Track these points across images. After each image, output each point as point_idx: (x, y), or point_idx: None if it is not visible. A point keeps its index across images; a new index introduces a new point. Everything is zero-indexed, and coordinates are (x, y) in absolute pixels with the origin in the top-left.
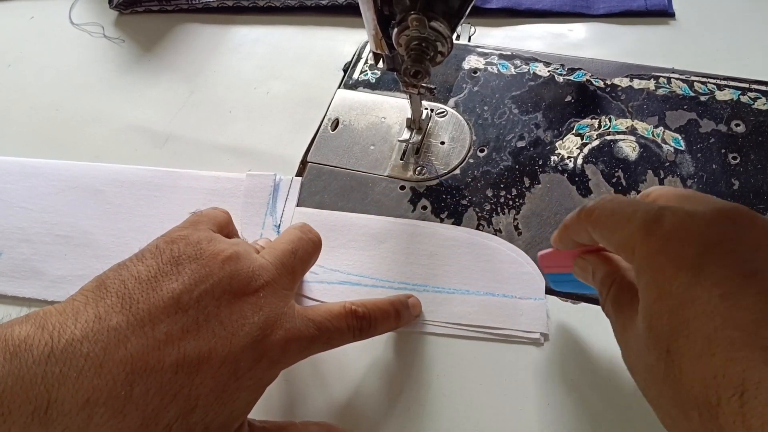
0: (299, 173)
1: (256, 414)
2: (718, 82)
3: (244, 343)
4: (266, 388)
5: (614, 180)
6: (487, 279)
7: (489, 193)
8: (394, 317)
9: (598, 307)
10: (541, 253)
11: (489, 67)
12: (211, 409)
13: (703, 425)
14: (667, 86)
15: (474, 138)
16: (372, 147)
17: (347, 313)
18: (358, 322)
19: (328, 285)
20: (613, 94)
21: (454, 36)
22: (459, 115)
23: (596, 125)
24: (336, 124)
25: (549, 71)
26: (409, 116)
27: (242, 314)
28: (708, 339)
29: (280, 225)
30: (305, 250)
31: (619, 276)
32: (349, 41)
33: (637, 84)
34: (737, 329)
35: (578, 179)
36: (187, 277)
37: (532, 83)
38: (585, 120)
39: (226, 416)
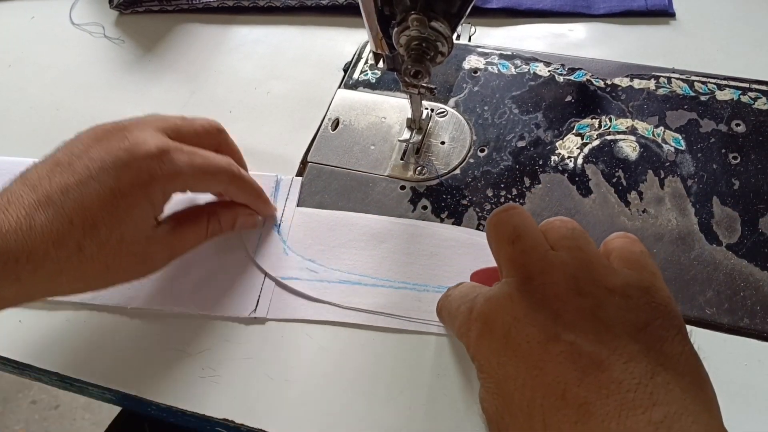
0: (299, 173)
1: (258, 412)
2: (719, 81)
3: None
4: (157, 204)
5: (614, 180)
6: None
7: (489, 193)
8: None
9: None
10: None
11: (489, 67)
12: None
13: None
14: (668, 86)
15: (474, 138)
16: (372, 147)
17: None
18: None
19: (329, 284)
20: (614, 94)
21: (455, 36)
22: (459, 115)
23: (596, 125)
24: (336, 124)
25: (549, 71)
26: (410, 116)
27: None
28: (525, 412)
29: (280, 225)
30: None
31: None
32: (349, 41)
33: (637, 84)
34: (546, 396)
35: (578, 179)
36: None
37: (533, 83)
38: (585, 120)
39: (134, 224)
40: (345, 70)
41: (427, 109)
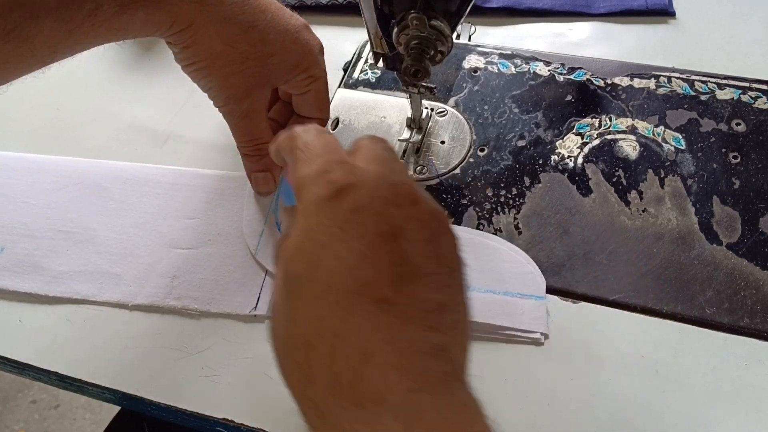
0: None
1: (258, 412)
2: (719, 81)
3: None
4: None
5: (614, 179)
6: (488, 278)
7: (489, 192)
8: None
9: (599, 307)
10: None
11: (489, 67)
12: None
13: (304, 361)
14: (668, 85)
15: (474, 137)
16: None
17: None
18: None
19: None
20: (614, 94)
21: (454, 35)
22: (459, 115)
23: (596, 124)
24: (336, 123)
25: (549, 70)
26: (410, 115)
27: None
28: (325, 286)
29: (281, 222)
30: None
31: None
32: (349, 40)
33: (637, 83)
34: (357, 280)
35: (578, 179)
36: None
37: (533, 82)
38: (585, 119)
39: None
40: (345, 70)
41: (427, 108)
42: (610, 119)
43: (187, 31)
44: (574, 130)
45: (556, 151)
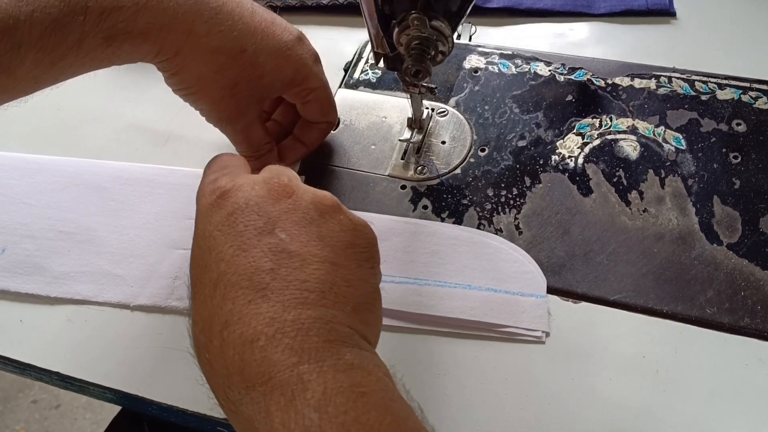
0: (300, 173)
1: None
2: (720, 81)
3: None
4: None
5: (615, 179)
6: (489, 277)
7: (490, 192)
8: None
9: (599, 307)
10: None
11: (490, 67)
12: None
13: (206, 359)
14: (668, 85)
15: (475, 137)
16: (373, 146)
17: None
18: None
19: None
20: (614, 94)
21: (455, 35)
22: (460, 115)
23: (597, 125)
24: (337, 123)
25: (550, 71)
26: (410, 116)
27: None
28: (214, 282)
29: None
30: None
31: None
32: (349, 41)
33: (638, 83)
34: (237, 274)
35: (579, 179)
36: None
37: (533, 83)
38: (586, 119)
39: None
40: (345, 70)
41: (427, 108)
42: (611, 119)
43: (174, 60)
44: (574, 130)
45: (557, 151)
